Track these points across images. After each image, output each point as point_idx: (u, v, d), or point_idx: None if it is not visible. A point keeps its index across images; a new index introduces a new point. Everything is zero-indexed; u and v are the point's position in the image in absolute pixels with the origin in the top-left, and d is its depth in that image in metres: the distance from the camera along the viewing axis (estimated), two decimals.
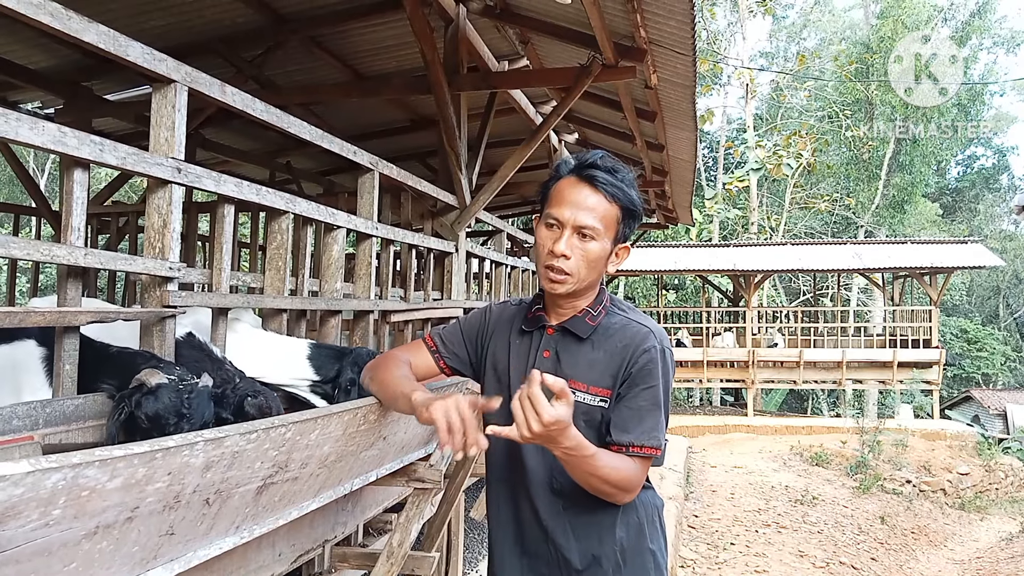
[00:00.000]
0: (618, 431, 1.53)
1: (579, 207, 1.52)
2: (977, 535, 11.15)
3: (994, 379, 26.11)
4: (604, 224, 1.53)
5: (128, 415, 1.62)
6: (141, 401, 1.62)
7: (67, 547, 1.05)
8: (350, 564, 3.13)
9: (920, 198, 26.06)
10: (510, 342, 1.68)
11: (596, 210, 1.52)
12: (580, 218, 1.52)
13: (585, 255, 1.54)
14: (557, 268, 1.54)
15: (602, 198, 1.52)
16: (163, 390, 1.65)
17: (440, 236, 4.47)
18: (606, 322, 1.61)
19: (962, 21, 27.82)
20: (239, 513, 1.50)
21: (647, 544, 1.64)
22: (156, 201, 2.02)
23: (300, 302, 2.83)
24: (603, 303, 1.64)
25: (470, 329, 1.77)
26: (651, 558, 1.64)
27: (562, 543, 1.60)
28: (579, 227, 1.52)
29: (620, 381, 1.56)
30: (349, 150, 3.07)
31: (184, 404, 1.66)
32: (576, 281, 1.56)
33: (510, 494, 1.68)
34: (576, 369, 1.58)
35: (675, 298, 24.29)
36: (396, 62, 5.67)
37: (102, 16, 1.77)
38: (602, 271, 1.59)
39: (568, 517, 1.60)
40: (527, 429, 1.33)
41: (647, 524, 1.65)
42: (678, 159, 7.10)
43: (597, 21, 3.59)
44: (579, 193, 1.53)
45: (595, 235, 1.53)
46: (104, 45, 1.78)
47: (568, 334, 1.61)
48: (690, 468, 11.73)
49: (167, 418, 1.63)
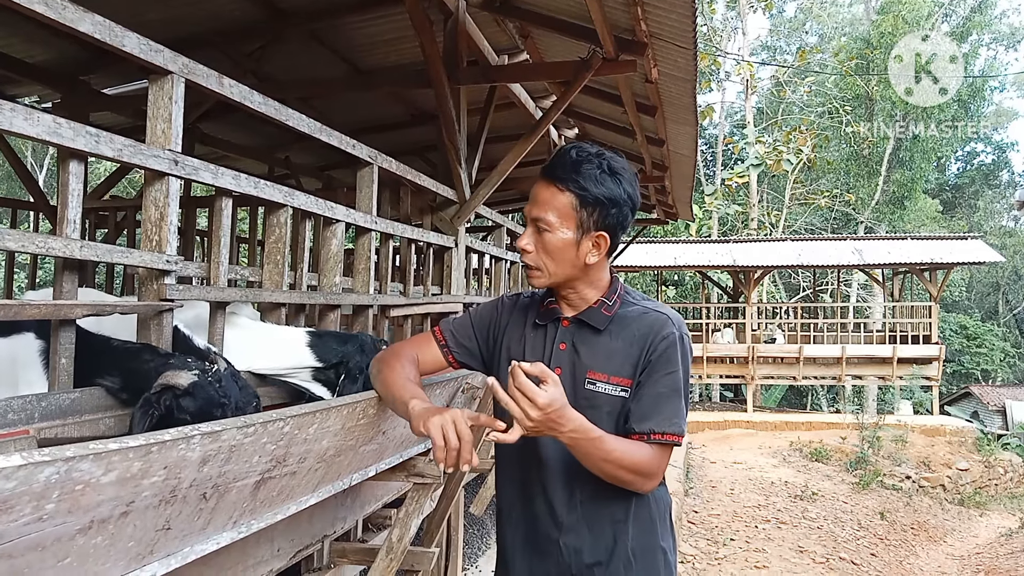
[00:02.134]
0: (637, 419, 1.52)
1: (535, 203, 1.57)
2: (976, 531, 11.18)
3: (993, 375, 26.12)
4: (559, 215, 1.53)
5: (158, 418, 1.63)
6: (180, 404, 1.64)
7: (61, 542, 1.03)
8: (349, 560, 3.12)
9: (920, 194, 26.04)
10: (524, 335, 1.68)
11: (548, 203, 1.54)
12: (533, 212, 1.57)
13: (543, 247, 1.56)
14: (523, 262, 1.61)
15: (555, 190, 1.54)
16: (198, 387, 1.66)
17: (439, 231, 4.45)
18: (622, 312, 1.61)
19: (962, 17, 27.80)
20: (236, 508, 1.48)
21: (658, 541, 1.62)
22: (153, 194, 2.00)
23: (299, 296, 2.82)
24: (617, 293, 1.64)
25: (480, 321, 1.77)
26: (662, 556, 1.62)
27: (574, 537, 1.58)
28: (533, 220, 1.57)
29: (640, 369, 1.55)
30: (348, 143, 3.05)
31: (220, 393, 1.69)
32: (546, 274, 1.58)
33: (522, 492, 1.65)
34: (595, 360, 1.57)
35: (675, 294, 24.28)
36: (395, 56, 5.65)
37: (99, 9, 1.74)
38: (576, 262, 1.57)
39: (583, 511, 1.58)
40: (527, 420, 1.35)
41: (659, 521, 1.63)
42: (678, 154, 7.07)
43: (597, 14, 3.56)
44: (538, 190, 1.57)
45: (548, 227, 1.54)
46: (100, 35, 1.76)
47: (584, 326, 1.61)
48: (690, 464, 11.73)
49: (211, 411, 1.65)
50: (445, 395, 2.58)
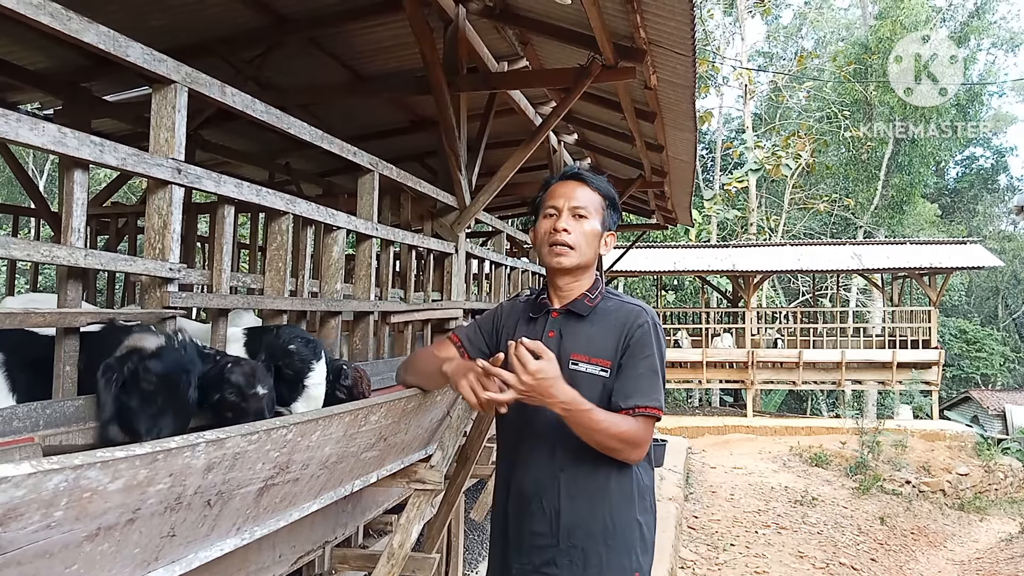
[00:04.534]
0: (622, 397, 1.72)
1: (571, 196, 1.85)
2: (977, 536, 11.16)
3: (993, 380, 26.10)
4: (593, 208, 1.85)
5: (123, 382, 1.60)
6: (147, 366, 1.61)
7: (68, 549, 1.04)
8: (350, 565, 3.12)
9: (919, 199, 26.05)
10: (520, 328, 1.91)
11: (584, 197, 1.85)
12: (574, 201, 1.84)
13: (582, 230, 1.83)
14: (561, 241, 1.82)
15: (588, 189, 1.87)
16: (165, 350, 1.65)
17: (440, 237, 4.46)
18: (603, 305, 1.85)
19: (961, 22, 27.89)
20: (240, 514, 1.49)
21: (635, 515, 1.78)
22: (156, 202, 2.02)
23: (300, 303, 2.82)
24: (599, 289, 1.89)
25: (486, 324, 2.04)
26: (638, 528, 1.78)
27: (555, 501, 1.77)
28: (574, 208, 1.84)
29: (620, 353, 1.77)
30: (349, 151, 3.06)
31: (187, 359, 1.69)
32: (579, 255, 1.83)
33: (514, 460, 1.87)
34: (577, 343, 1.80)
35: (674, 299, 24.28)
36: (395, 63, 5.67)
37: (100, 17, 1.76)
38: (596, 251, 1.87)
39: (564, 479, 1.77)
40: (519, 383, 1.58)
41: (638, 498, 1.80)
42: (677, 160, 7.10)
43: (597, 21, 3.59)
44: (570, 187, 1.87)
45: (587, 215, 1.84)
46: (104, 46, 1.77)
47: (571, 315, 1.85)
48: (690, 469, 11.72)
49: (178, 375, 1.65)
50: (449, 398, 2.59)
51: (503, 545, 1.88)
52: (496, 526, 1.94)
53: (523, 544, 1.81)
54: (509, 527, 1.86)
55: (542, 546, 1.78)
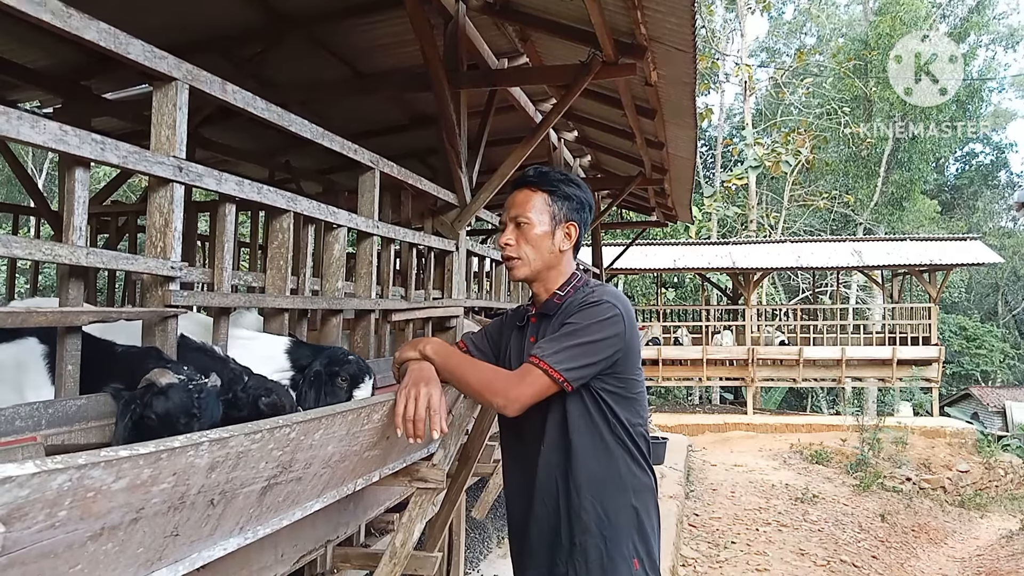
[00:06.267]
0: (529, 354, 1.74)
1: (512, 205, 1.88)
2: (977, 532, 11.17)
3: (993, 376, 26.10)
4: (536, 211, 1.85)
5: (139, 417, 1.61)
6: (151, 401, 1.61)
7: (72, 549, 1.04)
8: (352, 564, 3.12)
9: (919, 195, 26.04)
10: (513, 337, 1.98)
11: (526, 203, 1.86)
12: (514, 210, 1.87)
13: (524, 239, 1.84)
14: (506, 256, 1.87)
15: (527, 191, 1.87)
16: (173, 390, 1.64)
17: (440, 235, 4.45)
18: (571, 298, 1.84)
19: (960, 18, 27.84)
20: (243, 514, 1.49)
21: (629, 501, 1.78)
22: (158, 200, 2.01)
23: (302, 301, 2.82)
24: (572, 284, 1.88)
25: (494, 331, 2.08)
26: (634, 514, 1.78)
27: (555, 504, 1.79)
28: (514, 217, 1.86)
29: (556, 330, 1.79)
30: (350, 148, 3.05)
31: (194, 404, 1.66)
32: (526, 264, 1.86)
33: (513, 472, 1.93)
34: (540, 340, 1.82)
35: (674, 296, 24.29)
36: (396, 59, 5.65)
37: (99, 14, 1.75)
38: (552, 249, 1.86)
39: (562, 478, 1.78)
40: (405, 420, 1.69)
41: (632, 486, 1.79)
42: (678, 156, 7.09)
43: (597, 18, 3.58)
44: (514, 196, 1.90)
45: (529, 220, 1.84)
46: (105, 43, 1.76)
47: (544, 317, 1.88)
48: (690, 467, 11.73)
49: (177, 417, 1.63)
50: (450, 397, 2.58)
51: (519, 547, 1.92)
52: (510, 527, 1.98)
53: (533, 545, 1.84)
54: (520, 528, 1.89)
55: (550, 545, 1.80)
